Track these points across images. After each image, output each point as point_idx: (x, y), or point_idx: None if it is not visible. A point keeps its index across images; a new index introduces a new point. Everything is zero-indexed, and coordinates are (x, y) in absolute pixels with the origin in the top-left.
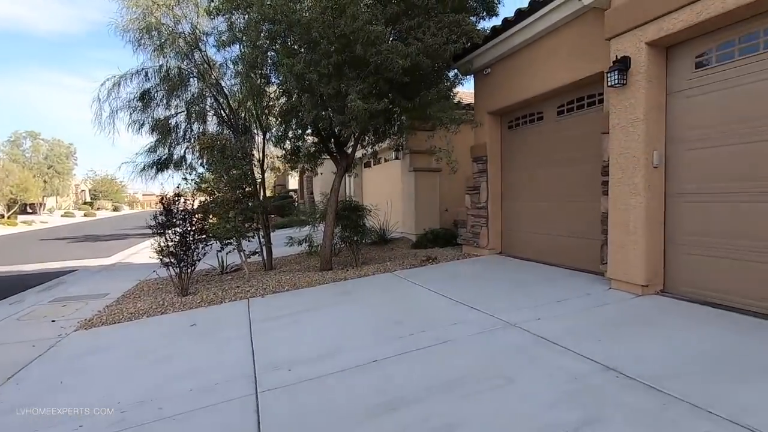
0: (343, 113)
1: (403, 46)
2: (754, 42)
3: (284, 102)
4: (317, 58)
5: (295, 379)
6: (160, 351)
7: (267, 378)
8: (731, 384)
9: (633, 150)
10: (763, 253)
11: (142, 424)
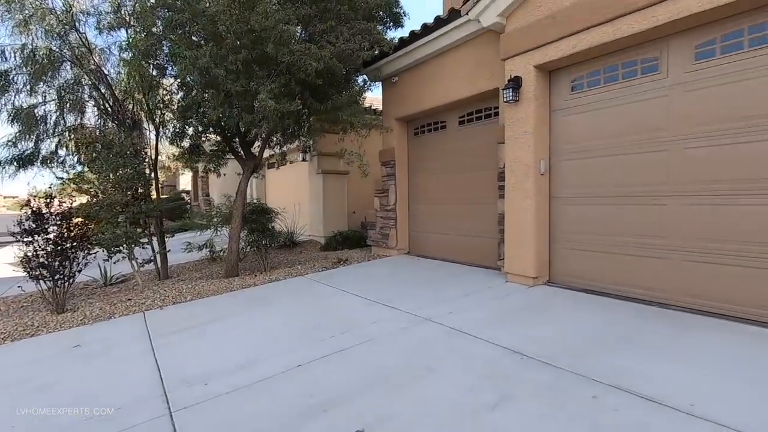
0: (253, 112)
1: (316, 48)
2: (614, 73)
3: (183, 96)
4: (224, 53)
5: (215, 392)
6: (37, 379)
7: (181, 395)
8: (606, 355)
9: (524, 159)
10: (626, 246)
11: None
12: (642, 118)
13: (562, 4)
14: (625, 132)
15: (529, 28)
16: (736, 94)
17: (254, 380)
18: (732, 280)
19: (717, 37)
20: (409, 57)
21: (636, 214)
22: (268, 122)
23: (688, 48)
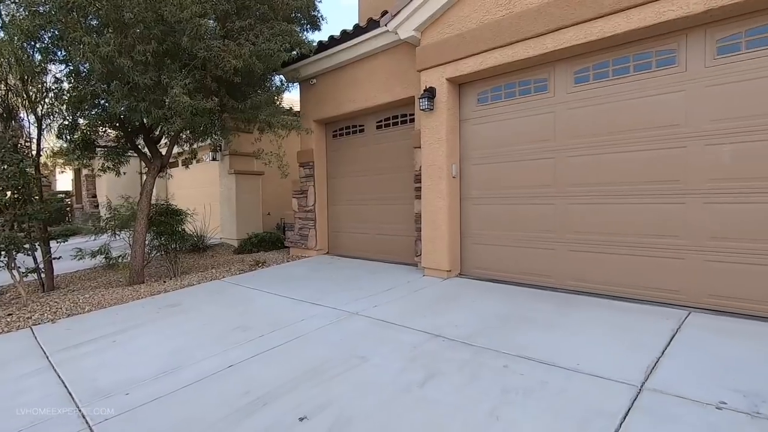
0: (163, 107)
1: (235, 45)
2: (513, 89)
3: (74, 86)
4: (131, 42)
5: (140, 401)
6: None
7: (99, 408)
8: (512, 332)
9: (439, 163)
10: (523, 240)
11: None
12: (535, 130)
13: (469, 26)
14: (522, 141)
15: (442, 44)
16: (602, 113)
17: (184, 384)
18: (608, 265)
19: (590, 66)
20: (329, 60)
21: (532, 212)
22: (180, 119)
23: (569, 73)
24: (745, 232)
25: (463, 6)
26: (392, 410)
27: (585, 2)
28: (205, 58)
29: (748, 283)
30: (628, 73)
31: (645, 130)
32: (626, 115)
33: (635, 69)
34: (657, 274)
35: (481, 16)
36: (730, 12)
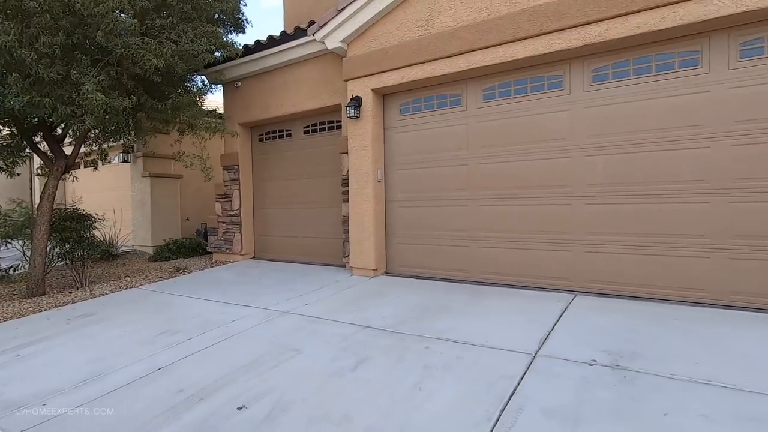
0: (73, 104)
1: (156, 44)
2: (431, 102)
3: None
4: (34, 32)
5: (62, 409)
6: None
7: (14, 420)
8: (432, 320)
9: (365, 168)
10: (442, 239)
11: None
12: (451, 140)
13: (392, 42)
14: (440, 149)
15: (367, 56)
16: (506, 126)
17: (111, 389)
18: (512, 259)
19: (495, 84)
20: (255, 65)
21: (449, 213)
22: (92, 117)
23: (479, 90)
24: (613, 228)
25: (386, 23)
26: (328, 392)
27: (491, 29)
28: (121, 55)
29: (617, 268)
30: (526, 93)
31: (540, 142)
32: (525, 129)
33: (531, 90)
34: (551, 265)
35: (402, 34)
36: (600, 48)
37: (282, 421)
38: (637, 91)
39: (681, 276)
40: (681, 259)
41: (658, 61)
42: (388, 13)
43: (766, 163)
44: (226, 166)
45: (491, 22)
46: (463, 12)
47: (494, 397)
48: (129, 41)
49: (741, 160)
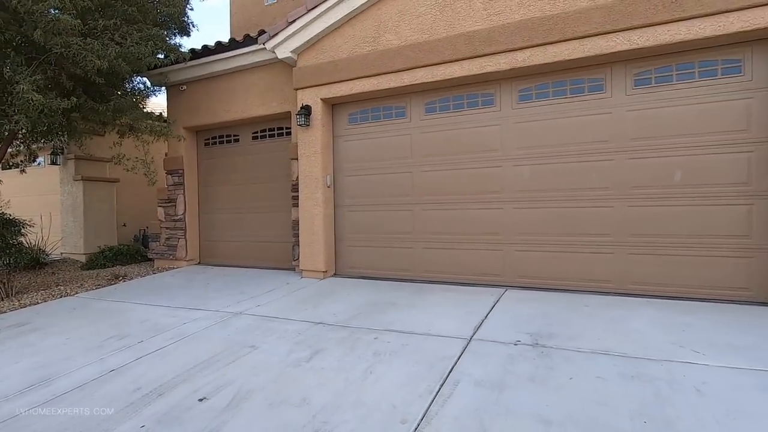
0: (4, 103)
1: (100, 45)
2: (378, 113)
3: None
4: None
5: (10, 413)
6: None
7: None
8: (380, 315)
9: (315, 174)
10: (388, 241)
11: None
12: (397, 148)
13: (341, 55)
14: (387, 157)
15: (317, 67)
16: (446, 138)
17: (63, 391)
18: (453, 258)
19: (436, 99)
20: (202, 69)
21: (395, 217)
22: (26, 117)
23: (422, 103)
24: (538, 229)
25: (335, 37)
26: (285, 380)
27: (432, 50)
28: (61, 55)
29: (540, 265)
30: (463, 108)
31: (475, 153)
32: (463, 140)
33: (468, 105)
34: (486, 263)
35: (351, 48)
36: (525, 72)
37: (244, 407)
38: (555, 110)
39: (591, 270)
40: (591, 255)
41: (571, 85)
42: (337, 28)
43: (653, 174)
44: (169, 171)
45: (432, 43)
46: (407, 32)
47: (435, 374)
48: (70, 41)
49: (635, 170)
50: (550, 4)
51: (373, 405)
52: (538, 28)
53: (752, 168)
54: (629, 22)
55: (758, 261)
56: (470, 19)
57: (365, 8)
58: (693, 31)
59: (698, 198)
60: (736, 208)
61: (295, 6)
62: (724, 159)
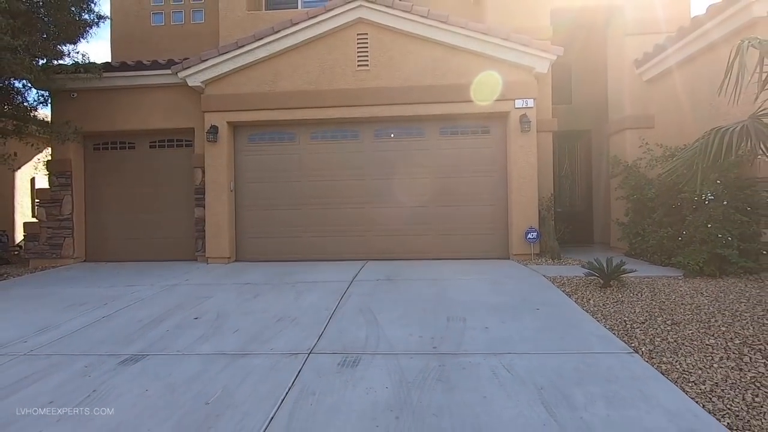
0: None
1: (29, 61)
2: (273, 136)
3: None
4: None
5: (45, 342)
6: None
7: (16, 350)
8: (290, 277)
9: (220, 180)
10: (280, 233)
11: None
12: (287, 164)
13: (245, 90)
14: (280, 170)
15: (224, 96)
16: (325, 158)
17: (69, 332)
18: (333, 244)
19: (318, 131)
20: (102, 81)
21: (287, 215)
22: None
23: (309, 133)
24: (388, 223)
25: (241, 75)
26: (245, 307)
27: (316, 97)
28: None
29: (388, 245)
30: (338, 139)
31: (347, 170)
32: (338, 161)
33: (341, 137)
34: (354, 246)
35: (254, 87)
36: (378, 119)
37: (228, 317)
38: (397, 145)
39: (417, 246)
40: (417, 237)
41: (407, 130)
42: (243, 69)
43: (451, 187)
44: (55, 173)
45: (317, 92)
46: (299, 82)
47: (337, 294)
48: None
49: (442, 185)
50: (393, 81)
51: (306, 307)
52: (386, 94)
53: (494, 186)
54: (437, 99)
55: (495, 236)
56: (344, 81)
57: (266, 59)
58: (470, 108)
59: (473, 202)
60: (488, 208)
61: (181, 30)
62: (484, 181)
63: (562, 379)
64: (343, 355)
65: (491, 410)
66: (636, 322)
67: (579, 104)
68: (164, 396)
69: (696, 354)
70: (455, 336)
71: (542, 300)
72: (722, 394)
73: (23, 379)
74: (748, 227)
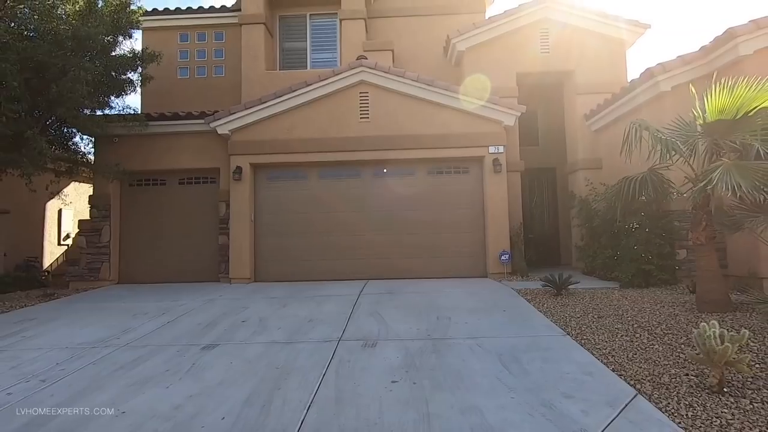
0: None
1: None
2: (289, 176)
3: None
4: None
5: (134, 338)
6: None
7: (122, 341)
8: (307, 292)
9: (243, 212)
10: (294, 258)
11: None
12: (300, 199)
13: (266, 137)
14: (294, 203)
15: (248, 142)
16: (333, 194)
17: (147, 332)
18: (339, 266)
19: (328, 170)
20: (142, 128)
21: (299, 242)
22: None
23: (318, 172)
24: (384, 247)
25: (263, 125)
26: (279, 313)
27: (327, 143)
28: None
29: (385, 266)
30: (343, 177)
31: (350, 203)
32: (343, 196)
33: (347, 176)
34: (357, 268)
35: (273, 134)
36: (378, 162)
37: (270, 320)
38: (392, 184)
39: (412, 267)
40: (411, 260)
41: (401, 170)
42: (264, 120)
43: (439, 218)
44: (95, 205)
45: (326, 139)
46: (312, 130)
47: (350, 304)
48: (77, 113)
49: (433, 216)
50: (390, 130)
51: (328, 312)
52: (384, 141)
53: (473, 217)
54: (428, 145)
55: (475, 258)
56: (348, 130)
57: (284, 112)
58: (452, 153)
59: (456, 230)
60: (468, 235)
61: (204, 83)
62: (464, 213)
63: (515, 350)
64: (364, 341)
65: (467, 366)
66: (573, 317)
67: (545, 146)
68: (245, 365)
69: (606, 334)
70: (443, 328)
71: (508, 305)
72: (615, 354)
73: (137, 359)
74: (665, 248)
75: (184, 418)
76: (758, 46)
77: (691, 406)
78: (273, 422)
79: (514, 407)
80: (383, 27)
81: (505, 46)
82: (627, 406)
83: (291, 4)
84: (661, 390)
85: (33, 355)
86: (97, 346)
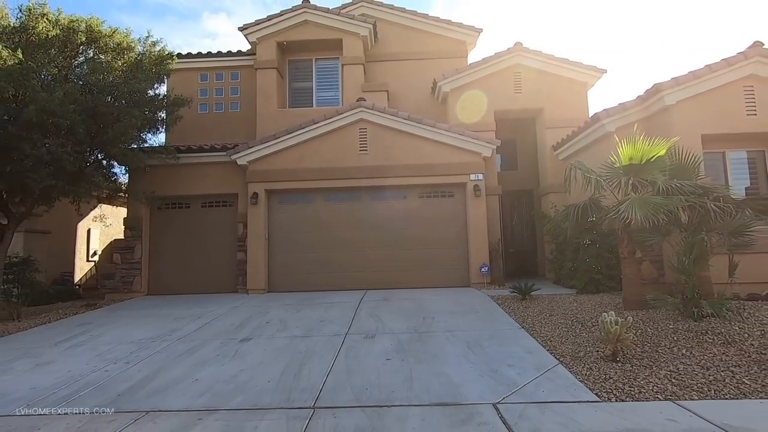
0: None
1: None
2: (299, 199)
3: None
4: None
5: (183, 335)
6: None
7: (174, 336)
8: (316, 299)
9: (258, 231)
10: (304, 271)
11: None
12: (309, 219)
13: (279, 167)
14: (303, 223)
15: (262, 171)
16: (337, 215)
17: (190, 332)
18: (342, 278)
19: (332, 194)
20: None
21: (308, 256)
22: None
23: (323, 196)
24: (382, 262)
25: (276, 156)
26: (297, 316)
27: (331, 172)
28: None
29: (384, 278)
30: (345, 200)
31: (353, 223)
32: (346, 217)
33: (348, 199)
34: (358, 279)
35: (285, 164)
36: (375, 187)
37: (289, 321)
38: (387, 206)
39: (403, 278)
40: (404, 272)
41: (395, 194)
42: (277, 152)
43: (430, 236)
44: (129, 227)
45: (331, 168)
46: (319, 161)
47: (352, 308)
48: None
49: (425, 233)
50: (385, 161)
51: (334, 315)
52: (380, 170)
53: (457, 234)
54: (418, 173)
55: (459, 271)
56: (350, 160)
57: (294, 146)
58: (439, 180)
59: (442, 246)
60: (453, 250)
61: (221, 117)
62: (450, 231)
63: (481, 339)
64: (365, 334)
65: (442, 350)
66: (531, 316)
67: (523, 170)
68: (276, 351)
69: (551, 326)
70: (427, 325)
71: (482, 308)
72: (554, 340)
73: (191, 349)
74: (611, 261)
75: (241, 382)
76: (680, 98)
77: (590, 369)
78: (304, 383)
79: (471, 372)
80: (379, 70)
81: (483, 87)
82: (549, 371)
83: (299, 50)
84: (576, 360)
85: (107, 347)
86: (156, 341)
